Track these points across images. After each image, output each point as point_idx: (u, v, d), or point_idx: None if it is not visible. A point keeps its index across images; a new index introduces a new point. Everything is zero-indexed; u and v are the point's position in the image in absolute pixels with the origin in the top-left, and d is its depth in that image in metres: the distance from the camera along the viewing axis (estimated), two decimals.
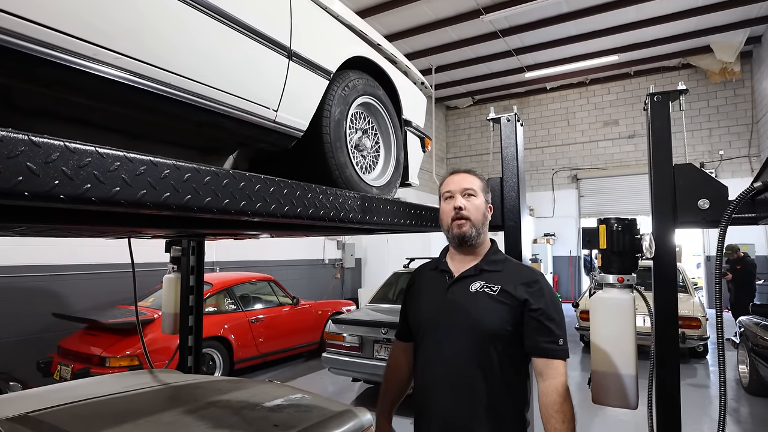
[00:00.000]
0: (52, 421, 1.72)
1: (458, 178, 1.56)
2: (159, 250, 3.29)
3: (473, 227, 1.49)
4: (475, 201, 1.51)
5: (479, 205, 1.52)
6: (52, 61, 0.92)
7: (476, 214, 1.50)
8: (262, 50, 1.40)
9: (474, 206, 1.50)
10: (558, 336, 1.40)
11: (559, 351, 1.39)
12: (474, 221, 1.49)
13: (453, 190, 1.53)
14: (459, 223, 1.49)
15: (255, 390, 2.28)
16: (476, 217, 1.50)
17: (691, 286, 7.03)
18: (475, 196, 1.52)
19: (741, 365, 5.47)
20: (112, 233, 2.37)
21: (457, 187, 1.53)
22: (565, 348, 1.41)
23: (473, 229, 1.49)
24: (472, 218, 1.49)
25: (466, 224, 1.49)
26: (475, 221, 1.50)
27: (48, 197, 0.69)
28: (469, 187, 1.52)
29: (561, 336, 1.41)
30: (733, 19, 9.50)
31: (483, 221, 1.53)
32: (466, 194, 1.52)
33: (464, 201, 1.50)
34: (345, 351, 4.79)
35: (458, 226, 1.49)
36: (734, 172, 11.32)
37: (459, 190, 1.52)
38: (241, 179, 1.06)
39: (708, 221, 1.73)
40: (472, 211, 1.50)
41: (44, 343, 5.13)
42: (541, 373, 1.40)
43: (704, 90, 11.85)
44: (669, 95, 1.83)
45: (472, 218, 1.49)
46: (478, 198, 1.52)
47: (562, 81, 13.19)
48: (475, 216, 1.50)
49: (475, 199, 1.52)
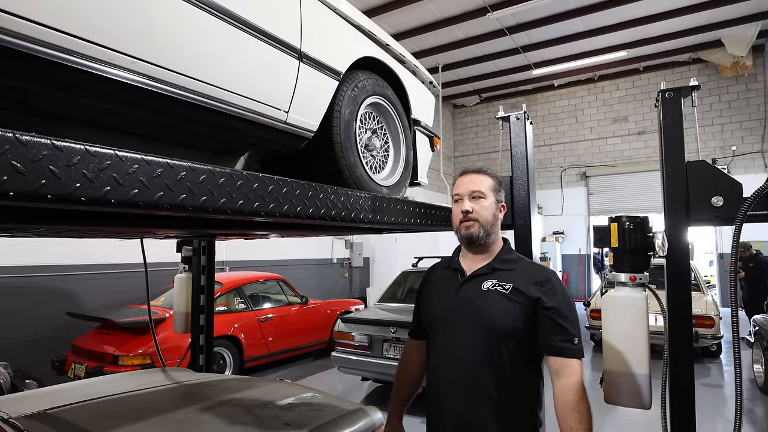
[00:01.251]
0: (69, 418, 1.75)
1: (467, 180, 1.56)
2: (170, 250, 3.34)
3: (481, 228, 1.50)
4: (484, 202, 1.51)
5: (488, 206, 1.52)
6: (68, 65, 0.94)
7: (485, 215, 1.50)
8: (273, 52, 1.41)
9: (482, 207, 1.51)
10: (573, 335, 1.40)
11: (574, 350, 1.39)
12: (483, 222, 1.50)
13: (461, 192, 1.54)
14: (467, 225, 1.50)
15: (266, 389, 2.29)
16: (485, 218, 1.50)
17: (703, 284, 6.95)
18: (483, 198, 1.52)
19: (756, 364, 5.40)
20: (127, 234, 2.40)
21: (465, 189, 1.54)
22: (581, 347, 1.41)
23: (482, 229, 1.50)
24: (480, 220, 1.50)
25: (474, 225, 1.49)
26: (483, 222, 1.50)
27: (70, 200, 0.71)
28: (477, 190, 1.52)
29: (576, 335, 1.40)
30: (745, 12, 9.36)
31: (493, 221, 1.53)
32: (474, 197, 1.52)
33: (472, 204, 1.51)
34: (354, 350, 4.80)
35: (466, 227, 1.50)
36: (747, 168, 11.17)
37: (467, 192, 1.53)
38: (254, 180, 1.07)
39: (722, 219, 1.72)
40: (480, 213, 1.50)
41: (59, 342, 5.21)
42: (557, 372, 1.40)
43: (715, 85, 11.70)
44: (681, 91, 1.81)
45: (481, 220, 1.50)
46: (487, 199, 1.52)
47: (570, 78, 13.09)
48: (484, 217, 1.50)
49: (484, 201, 1.52)
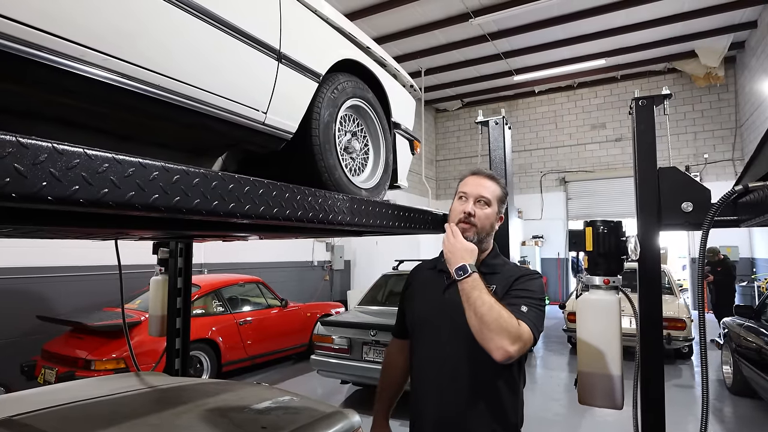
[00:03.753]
0: (36, 424, 1.70)
1: (477, 182, 1.54)
2: (146, 252, 3.26)
3: (476, 234, 1.49)
4: (487, 210, 1.50)
5: (490, 214, 1.51)
6: (37, 61, 0.91)
7: (484, 222, 1.49)
8: (252, 52, 1.40)
9: (484, 215, 1.50)
10: (527, 300, 1.35)
11: (522, 314, 1.31)
12: (479, 229, 1.49)
13: (468, 192, 1.52)
14: (463, 227, 1.48)
15: (243, 392, 2.26)
16: (483, 225, 1.49)
17: (676, 288, 7.14)
18: (488, 205, 1.51)
19: (725, 366, 5.56)
20: (100, 235, 2.34)
21: (473, 190, 1.52)
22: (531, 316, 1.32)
23: (476, 236, 1.48)
24: (478, 226, 1.49)
25: (471, 230, 1.48)
26: (480, 229, 1.49)
27: (35, 198, 0.69)
28: (485, 195, 1.51)
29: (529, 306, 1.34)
30: (717, 24, 9.70)
31: (489, 231, 1.52)
32: (480, 201, 1.51)
33: (475, 208, 1.49)
34: (334, 353, 4.78)
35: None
36: (719, 175, 11.53)
37: (474, 194, 1.51)
38: (230, 181, 1.05)
39: (691, 224, 1.77)
40: (481, 219, 1.49)
41: (28, 346, 5.05)
42: None
43: (689, 94, 12.07)
44: (653, 99, 1.87)
45: (479, 226, 1.49)
46: (491, 207, 1.51)
47: (550, 84, 13.34)
48: (482, 224, 1.49)
49: (488, 209, 1.51)
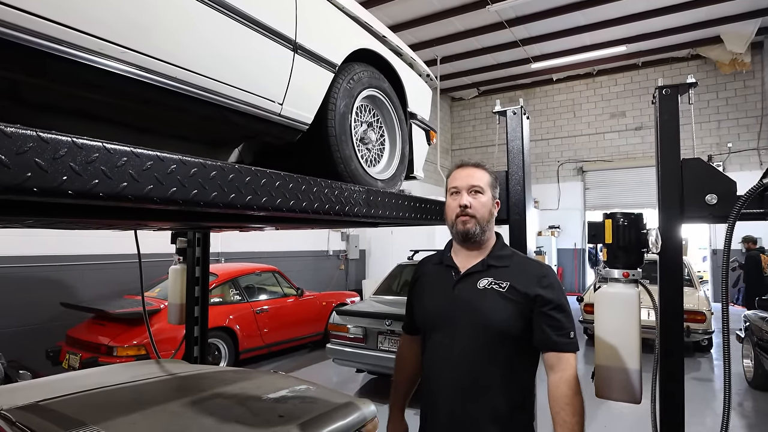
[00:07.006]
0: (61, 409, 1.75)
1: (465, 173, 1.53)
2: (165, 241, 3.32)
3: (478, 224, 1.47)
4: (482, 198, 1.49)
5: (485, 202, 1.50)
6: (57, 55, 0.92)
7: (482, 211, 1.48)
8: (268, 43, 1.39)
9: (480, 203, 1.48)
10: (568, 329, 1.40)
11: (569, 344, 1.39)
12: (479, 219, 1.48)
13: (459, 186, 1.51)
14: (463, 220, 1.47)
15: (260, 381, 2.30)
16: (482, 214, 1.48)
17: (696, 280, 6.99)
18: (482, 193, 1.50)
19: (745, 359, 5.46)
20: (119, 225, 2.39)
21: (463, 183, 1.50)
22: (575, 341, 1.41)
23: (477, 226, 1.47)
24: (477, 216, 1.47)
25: (471, 221, 1.47)
26: (480, 219, 1.48)
27: (57, 193, 0.70)
28: (476, 184, 1.49)
29: (571, 329, 1.40)
30: (744, 9, 9.34)
31: (489, 218, 1.51)
32: (472, 191, 1.49)
33: (470, 199, 1.48)
34: (349, 342, 4.82)
35: (462, 222, 1.47)
36: (742, 165, 11.20)
37: (466, 186, 1.50)
38: (246, 174, 1.06)
39: (716, 216, 1.72)
40: (478, 209, 1.48)
41: (53, 332, 5.20)
42: (552, 366, 1.39)
43: (713, 81, 11.69)
44: (678, 88, 1.81)
45: (478, 216, 1.47)
46: (485, 195, 1.50)
47: (568, 72, 13.05)
48: (481, 213, 1.48)
49: (482, 197, 1.49)
